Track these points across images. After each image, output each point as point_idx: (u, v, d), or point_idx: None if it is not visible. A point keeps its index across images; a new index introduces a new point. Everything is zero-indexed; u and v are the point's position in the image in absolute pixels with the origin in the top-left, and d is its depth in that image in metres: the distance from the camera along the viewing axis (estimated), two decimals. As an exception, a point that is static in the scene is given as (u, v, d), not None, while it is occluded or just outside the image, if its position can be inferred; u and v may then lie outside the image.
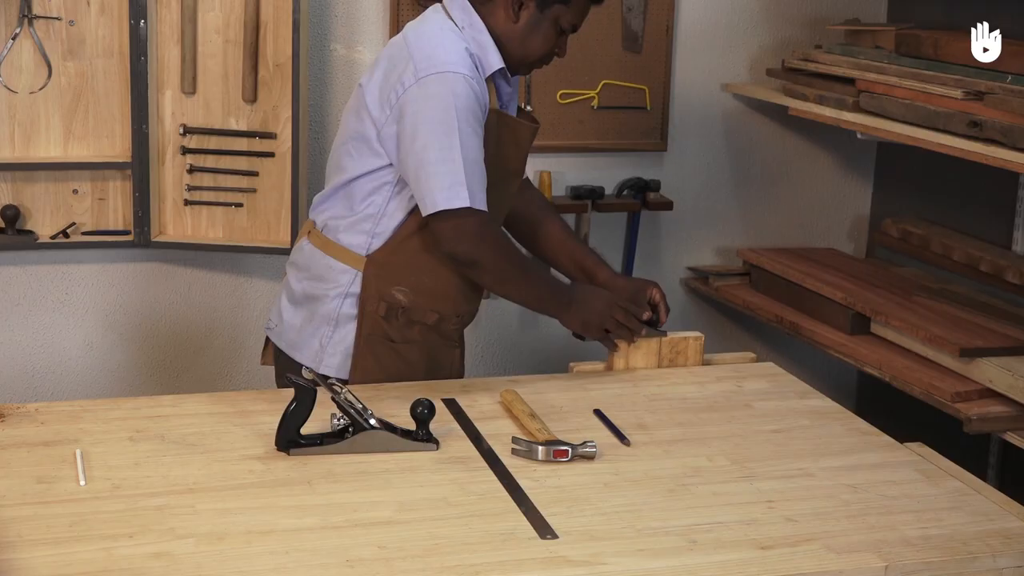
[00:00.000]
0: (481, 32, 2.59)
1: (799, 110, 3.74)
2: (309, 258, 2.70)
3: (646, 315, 2.71)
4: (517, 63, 2.65)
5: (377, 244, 2.62)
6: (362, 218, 2.62)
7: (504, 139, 2.62)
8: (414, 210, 2.59)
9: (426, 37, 2.58)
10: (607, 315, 2.65)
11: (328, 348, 2.65)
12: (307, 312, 2.68)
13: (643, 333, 2.70)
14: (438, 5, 2.66)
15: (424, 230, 2.59)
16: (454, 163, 2.47)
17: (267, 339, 2.83)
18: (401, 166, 2.55)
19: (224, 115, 3.59)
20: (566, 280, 2.84)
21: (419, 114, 2.50)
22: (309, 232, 2.74)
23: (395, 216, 2.61)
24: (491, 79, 2.60)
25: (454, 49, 2.54)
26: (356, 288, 2.63)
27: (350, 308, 2.63)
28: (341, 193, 2.65)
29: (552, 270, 2.89)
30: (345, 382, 2.60)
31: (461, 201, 2.48)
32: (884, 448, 2.38)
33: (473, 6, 2.61)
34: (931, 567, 1.95)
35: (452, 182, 2.48)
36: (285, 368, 2.70)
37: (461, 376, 2.76)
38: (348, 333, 2.64)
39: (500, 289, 2.66)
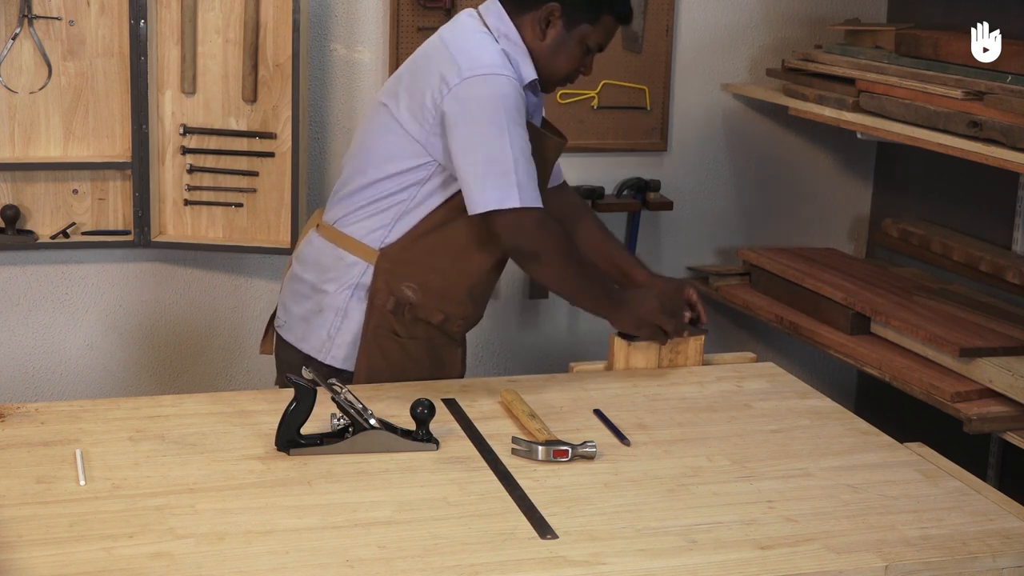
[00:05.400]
0: (517, 43, 2.60)
1: (799, 110, 3.74)
2: (319, 251, 2.71)
3: (687, 315, 2.75)
4: (544, 80, 2.66)
5: (392, 239, 2.63)
6: (382, 212, 2.63)
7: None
8: (434, 210, 2.60)
9: (467, 39, 2.59)
10: (658, 314, 2.68)
11: (336, 339, 2.66)
12: (315, 303, 2.69)
13: (687, 332, 2.75)
14: (472, 10, 2.66)
15: (439, 231, 2.61)
16: (505, 163, 2.48)
17: (267, 328, 2.85)
18: (451, 166, 2.56)
19: (224, 115, 3.59)
20: None
21: (468, 115, 2.51)
22: (318, 225, 2.74)
23: (416, 214, 2.61)
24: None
25: (494, 52, 2.55)
26: (366, 280, 2.64)
27: (359, 300, 2.64)
28: (363, 193, 2.65)
29: None
30: (350, 374, 2.61)
31: (512, 201, 2.49)
32: (884, 448, 2.38)
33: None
34: (931, 567, 1.95)
35: (504, 182, 2.49)
36: (285, 357, 2.72)
37: (462, 374, 2.78)
38: (356, 325, 2.65)
39: (557, 284, 2.67)
